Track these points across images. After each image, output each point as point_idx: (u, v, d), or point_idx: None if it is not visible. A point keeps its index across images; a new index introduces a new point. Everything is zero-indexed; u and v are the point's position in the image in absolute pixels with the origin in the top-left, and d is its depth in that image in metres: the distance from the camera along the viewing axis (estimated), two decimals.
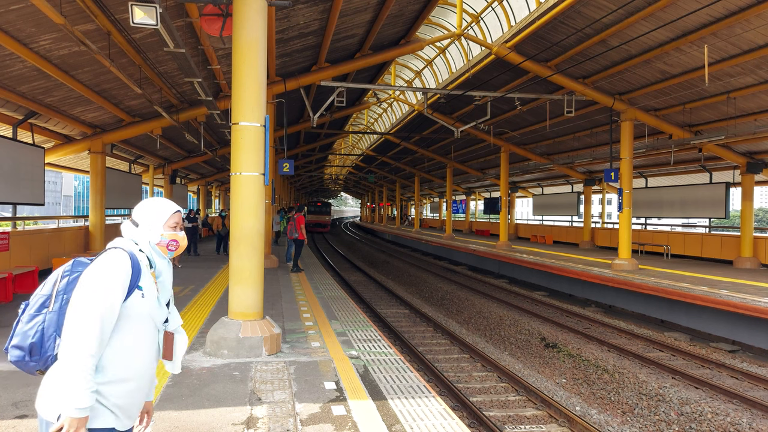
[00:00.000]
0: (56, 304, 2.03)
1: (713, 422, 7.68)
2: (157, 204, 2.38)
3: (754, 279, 14.29)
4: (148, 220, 2.33)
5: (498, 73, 16.64)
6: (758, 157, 17.64)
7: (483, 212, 41.06)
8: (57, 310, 2.03)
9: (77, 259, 2.13)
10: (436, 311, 16.89)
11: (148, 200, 2.39)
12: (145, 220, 2.32)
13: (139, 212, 2.34)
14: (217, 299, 10.34)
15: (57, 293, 2.05)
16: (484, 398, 8.79)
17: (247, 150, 6.60)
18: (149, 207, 2.36)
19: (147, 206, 2.36)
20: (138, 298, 2.12)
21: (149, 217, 2.34)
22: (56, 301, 2.04)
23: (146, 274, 2.19)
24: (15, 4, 7.97)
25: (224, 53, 12.68)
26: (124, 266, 2.09)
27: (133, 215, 2.34)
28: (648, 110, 16.64)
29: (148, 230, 2.32)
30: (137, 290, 2.12)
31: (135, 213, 2.34)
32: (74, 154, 16.22)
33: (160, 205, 2.39)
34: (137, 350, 2.14)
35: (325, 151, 39.32)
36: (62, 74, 10.69)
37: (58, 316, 2.02)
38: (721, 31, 11.56)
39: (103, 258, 2.09)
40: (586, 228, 26.74)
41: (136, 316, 2.12)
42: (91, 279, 2.01)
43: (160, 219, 2.35)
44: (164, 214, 2.37)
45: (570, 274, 16.48)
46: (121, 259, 2.10)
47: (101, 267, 2.05)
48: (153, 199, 2.42)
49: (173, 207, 2.41)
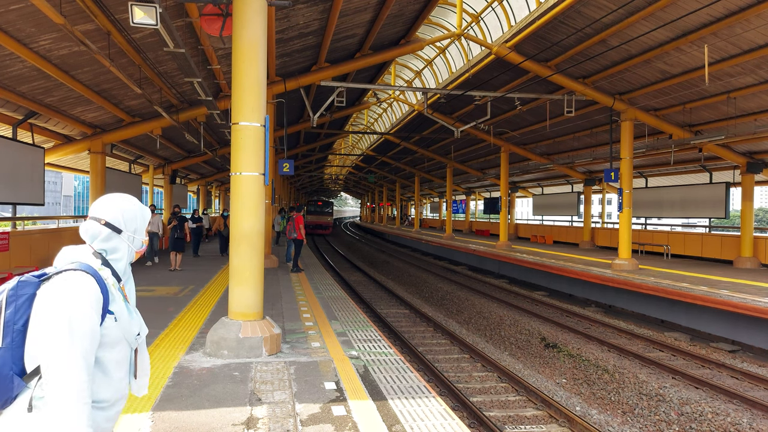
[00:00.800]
0: (6, 338, 1.70)
1: (713, 422, 7.68)
2: (139, 205, 2.05)
3: (754, 279, 14.28)
4: (135, 225, 2.00)
5: (498, 72, 16.64)
6: (758, 157, 17.64)
7: (483, 212, 41.08)
8: (9, 345, 1.70)
9: (22, 280, 1.76)
10: (436, 311, 16.89)
11: (123, 200, 2.00)
12: (131, 224, 1.99)
13: (120, 215, 1.96)
14: (216, 299, 10.33)
15: (5, 324, 1.71)
16: (484, 398, 8.78)
17: (247, 150, 6.59)
18: (134, 209, 2.01)
19: (130, 208, 2.00)
20: (111, 324, 1.81)
21: (136, 221, 2.01)
22: (5, 335, 1.70)
23: (115, 294, 1.86)
24: (15, 4, 7.97)
25: (224, 53, 12.68)
26: (94, 293, 1.75)
27: (108, 218, 1.93)
28: (648, 110, 16.64)
29: (132, 236, 1.99)
30: (108, 316, 1.81)
31: (113, 216, 1.94)
32: (74, 154, 16.22)
33: (141, 206, 2.06)
34: (117, 376, 1.88)
35: (325, 151, 39.32)
36: (62, 74, 10.68)
37: (12, 351, 1.70)
38: (721, 30, 11.56)
39: (66, 286, 1.72)
40: (586, 228, 26.74)
41: (111, 344, 1.83)
42: (61, 316, 1.66)
43: (146, 222, 2.06)
44: (148, 216, 2.09)
45: (570, 274, 16.47)
46: (89, 285, 1.75)
47: (69, 299, 1.69)
48: (126, 197, 2.03)
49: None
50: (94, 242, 1.92)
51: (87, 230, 1.93)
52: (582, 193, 27.73)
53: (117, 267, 1.94)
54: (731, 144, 16.95)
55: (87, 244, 1.92)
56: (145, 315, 7.34)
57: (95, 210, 1.95)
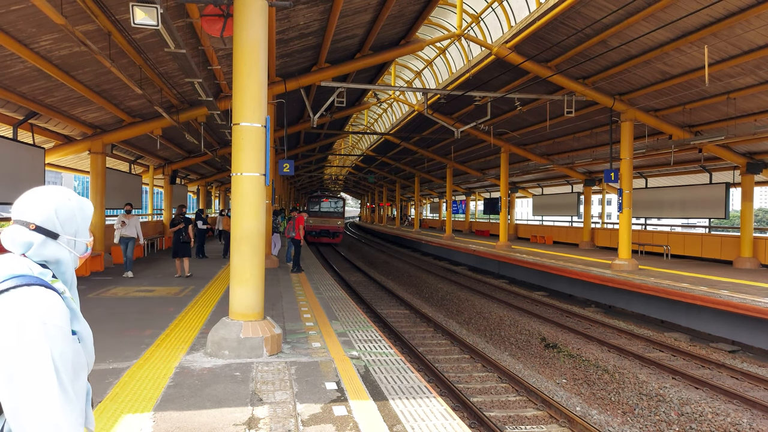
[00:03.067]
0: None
1: (713, 422, 7.69)
2: (77, 198, 1.59)
3: (754, 279, 14.30)
4: (74, 225, 1.56)
5: (498, 73, 16.65)
6: (758, 158, 17.65)
7: (483, 212, 41.08)
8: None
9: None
10: (436, 312, 16.90)
11: (54, 195, 1.54)
12: (70, 225, 1.54)
13: (53, 215, 1.51)
14: (217, 300, 10.34)
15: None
16: (484, 398, 8.79)
17: (248, 150, 6.60)
18: (70, 205, 1.55)
19: (65, 204, 1.54)
20: (75, 347, 1.43)
21: (75, 220, 1.56)
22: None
23: (76, 311, 1.48)
24: (16, 5, 7.98)
25: (224, 53, 12.69)
26: (61, 313, 1.38)
27: (38, 221, 1.49)
28: (648, 111, 16.65)
29: (73, 240, 1.56)
30: (73, 337, 1.42)
31: (44, 216, 1.49)
32: (74, 154, 16.23)
33: (80, 199, 1.61)
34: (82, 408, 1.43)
35: (325, 151, 39.33)
36: (63, 74, 10.69)
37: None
38: (721, 31, 11.57)
39: (28, 304, 1.33)
40: (585, 228, 26.75)
41: (77, 370, 1.42)
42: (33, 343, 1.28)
43: (87, 220, 1.61)
44: (90, 214, 1.63)
45: (570, 275, 16.48)
46: (54, 302, 1.38)
47: (38, 319, 1.31)
48: (57, 191, 1.55)
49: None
50: (29, 253, 1.48)
51: (14, 238, 1.47)
52: (582, 194, 27.75)
53: (64, 279, 1.54)
54: (731, 144, 16.96)
55: (19, 255, 1.48)
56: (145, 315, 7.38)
57: (19, 210, 1.50)
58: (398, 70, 25.59)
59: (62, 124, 14.11)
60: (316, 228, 38.63)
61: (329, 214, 39.65)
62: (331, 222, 39.38)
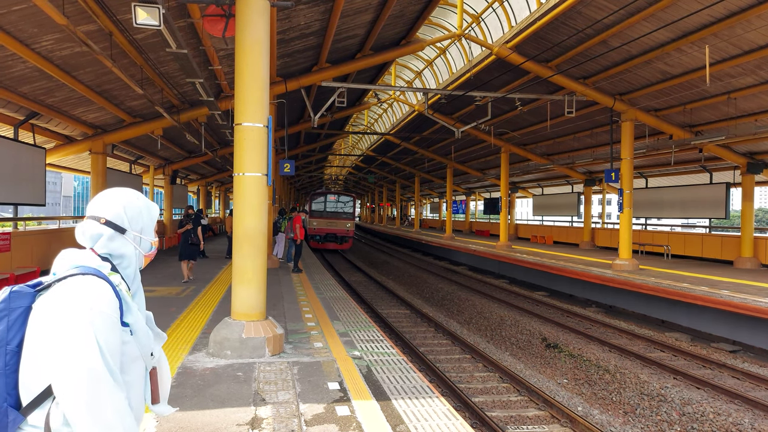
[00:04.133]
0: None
1: (715, 422, 7.69)
2: (145, 200, 1.74)
3: (754, 279, 14.30)
4: (141, 223, 1.69)
5: (499, 73, 16.65)
6: (759, 158, 17.66)
7: (483, 212, 41.07)
8: (2, 370, 1.40)
9: (15, 290, 1.45)
10: (436, 312, 16.90)
11: (125, 194, 1.69)
12: (137, 222, 1.68)
13: (122, 211, 1.64)
14: (218, 300, 10.34)
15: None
16: (486, 398, 8.79)
17: (250, 150, 6.60)
18: (138, 204, 1.70)
19: (134, 203, 1.68)
20: (127, 339, 1.52)
21: (142, 218, 1.70)
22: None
23: (130, 303, 1.57)
24: (18, 5, 7.98)
25: (225, 54, 12.69)
26: (110, 302, 1.46)
27: (109, 216, 1.62)
28: (648, 111, 16.65)
29: (139, 237, 1.69)
30: (124, 329, 1.51)
31: (114, 212, 1.63)
32: (75, 154, 16.24)
33: (148, 201, 1.75)
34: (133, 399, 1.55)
35: (325, 151, 39.31)
36: (64, 75, 10.70)
37: (5, 378, 1.40)
38: (721, 31, 11.58)
39: (78, 292, 1.43)
40: (586, 228, 26.76)
41: (128, 362, 1.52)
42: (80, 328, 1.37)
43: (153, 220, 1.74)
44: (156, 215, 1.77)
45: (571, 275, 16.48)
46: (104, 291, 1.47)
47: (86, 306, 1.41)
48: (128, 192, 1.72)
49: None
50: (96, 245, 1.61)
51: (85, 231, 1.62)
52: (582, 194, 27.75)
53: (126, 274, 1.65)
54: (731, 144, 16.97)
55: (88, 248, 1.62)
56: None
57: (93, 207, 1.64)
58: (398, 70, 25.59)
59: (63, 125, 14.12)
60: (320, 231, 31.54)
61: (336, 215, 32.32)
62: (338, 224, 31.98)
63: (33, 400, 1.40)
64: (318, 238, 31.68)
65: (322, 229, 31.59)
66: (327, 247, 32.20)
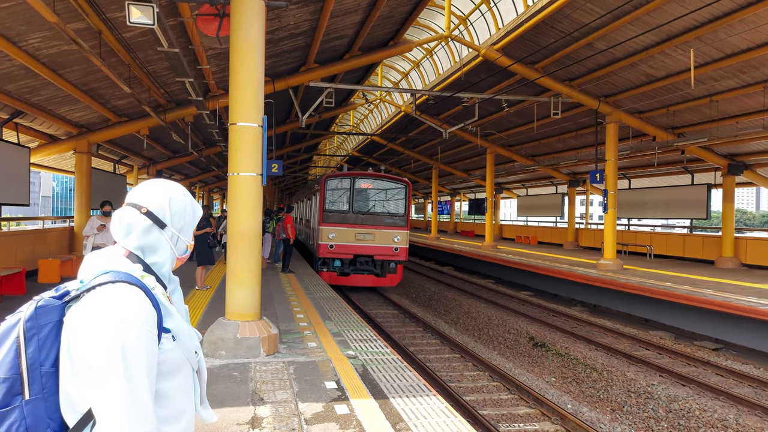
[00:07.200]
0: (34, 386, 1.27)
1: (701, 419, 7.85)
2: (191, 197, 1.60)
3: (735, 278, 14.60)
4: (183, 221, 1.55)
5: (486, 75, 16.77)
6: (739, 159, 18.01)
7: (467, 213, 41.29)
8: (40, 394, 1.28)
9: (41, 305, 1.32)
10: (424, 311, 16.97)
11: (172, 188, 1.56)
12: (179, 219, 1.54)
13: (167, 205, 1.51)
14: (207, 300, 10.29)
15: (30, 368, 1.27)
16: (477, 397, 8.88)
17: (245, 150, 6.60)
18: (185, 200, 1.56)
19: (181, 199, 1.55)
20: (170, 346, 1.40)
21: (185, 217, 1.56)
22: (32, 381, 1.27)
23: (169, 307, 1.44)
24: (6, 2, 7.87)
25: (214, 53, 12.62)
26: (146, 310, 1.33)
27: (152, 207, 1.48)
28: (632, 113, 16.91)
29: (177, 236, 1.54)
30: (165, 335, 1.39)
31: (158, 204, 1.49)
32: (59, 153, 16.02)
33: (193, 201, 1.61)
34: (184, 408, 1.46)
35: (310, 151, 39.21)
36: (50, 73, 10.55)
37: (45, 402, 1.28)
38: (705, 35, 11.81)
39: (108, 304, 1.30)
40: (570, 229, 27.06)
41: (172, 371, 1.42)
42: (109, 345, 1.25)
43: (195, 221, 1.61)
44: (198, 216, 1.62)
45: (556, 275, 16.67)
46: (138, 299, 1.33)
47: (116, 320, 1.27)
48: (175, 185, 1.58)
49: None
50: (129, 237, 1.46)
51: (121, 219, 1.47)
52: (566, 195, 28.05)
53: (161, 274, 1.51)
54: (713, 146, 17.29)
55: (118, 243, 1.48)
56: None
57: (135, 196, 1.50)
58: (385, 71, 25.65)
59: (47, 123, 13.92)
60: (343, 252, 16.92)
61: (375, 218, 17.36)
62: (378, 237, 17.07)
63: (79, 421, 1.28)
64: (337, 266, 17.08)
65: (348, 248, 16.91)
66: (355, 283, 17.47)
